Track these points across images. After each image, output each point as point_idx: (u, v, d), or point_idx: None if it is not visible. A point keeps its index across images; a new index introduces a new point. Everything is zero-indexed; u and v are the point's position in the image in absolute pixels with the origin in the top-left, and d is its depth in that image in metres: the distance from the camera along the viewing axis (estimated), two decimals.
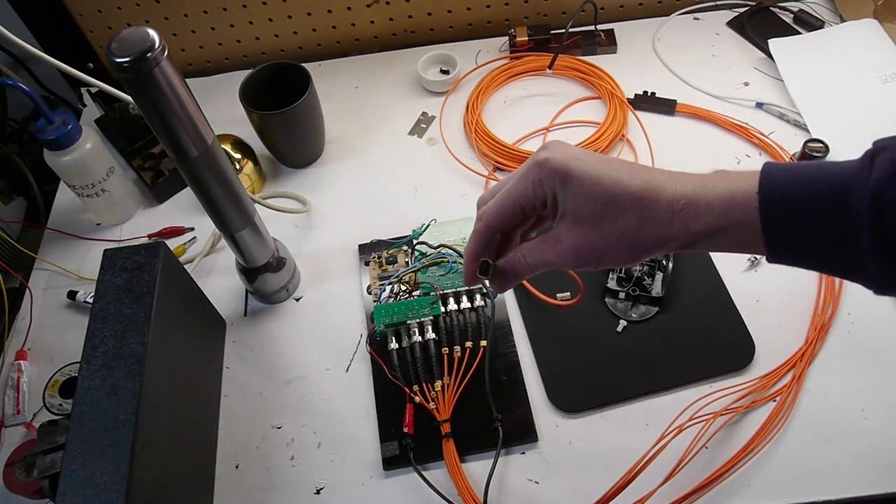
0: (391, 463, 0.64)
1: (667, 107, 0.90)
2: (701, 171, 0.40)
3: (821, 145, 0.80)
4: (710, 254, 0.75)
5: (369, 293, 0.75)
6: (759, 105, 0.89)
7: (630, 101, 0.90)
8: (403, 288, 0.72)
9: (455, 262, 0.73)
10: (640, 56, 0.97)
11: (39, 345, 0.75)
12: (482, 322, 0.70)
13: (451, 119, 0.93)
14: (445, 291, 0.72)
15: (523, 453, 0.65)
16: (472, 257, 0.45)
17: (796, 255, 0.38)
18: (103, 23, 0.98)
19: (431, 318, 0.70)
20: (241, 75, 0.83)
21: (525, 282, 0.74)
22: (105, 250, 0.60)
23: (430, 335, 0.69)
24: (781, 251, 0.38)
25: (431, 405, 0.66)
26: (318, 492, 0.64)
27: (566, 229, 0.41)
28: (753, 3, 1.01)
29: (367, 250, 0.79)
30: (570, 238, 0.41)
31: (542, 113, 0.91)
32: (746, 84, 0.92)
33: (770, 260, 0.39)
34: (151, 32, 0.47)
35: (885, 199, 0.34)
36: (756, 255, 0.74)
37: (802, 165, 0.37)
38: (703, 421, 0.62)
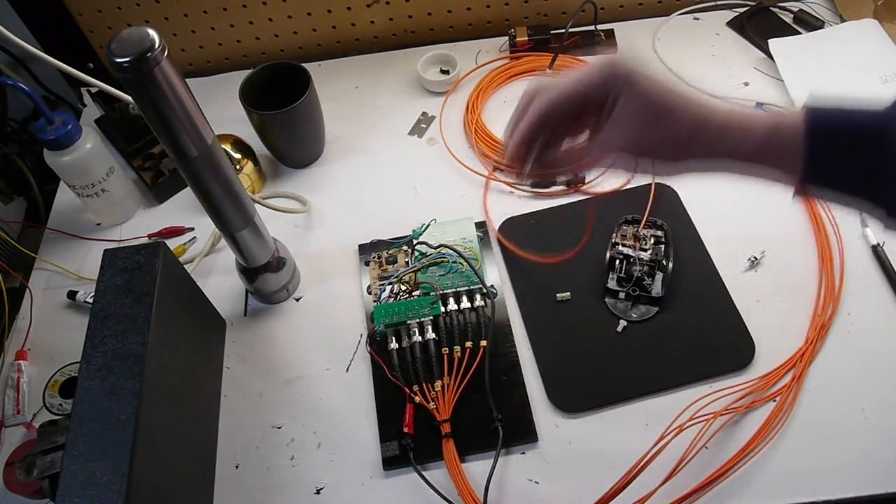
0: (391, 463, 0.64)
1: None
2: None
3: None
4: (710, 254, 0.75)
5: (369, 293, 0.75)
6: (759, 105, 0.89)
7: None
8: (403, 288, 0.72)
9: (455, 261, 0.73)
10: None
11: (39, 345, 0.75)
12: (482, 322, 0.70)
13: (451, 119, 0.93)
14: (445, 291, 0.72)
15: (523, 453, 0.65)
16: (523, 138, 0.46)
17: (828, 178, 0.42)
18: (103, 23, 0.98)
19: (431, 318, 0.70)
20: (241, 75, 0.83)
21: (513, 246, 0.74)
22: (105, 250, 0.60)
23: (430, 335, 0.69)
24: (817, 173, 0.42)
25: (431, 405, 0.66)
26: (318, 492, 0.64)
27: (621, 126, 0.44)
28: (753, 3, 1.01)
29: (367, 250, 0.79)
30: (623, 132, 0.44)
31: None
32: (746, 84, 0.92)
33: (802, 185, 0.43)
34: (151, 32, 0.47)
35: None
36: (755, 256, 0.74)
37: (844, 102, 0.42)
38: (703, 421, 0.62)
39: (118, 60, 0.46)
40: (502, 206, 0.82)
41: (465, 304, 0.71)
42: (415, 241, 0.75)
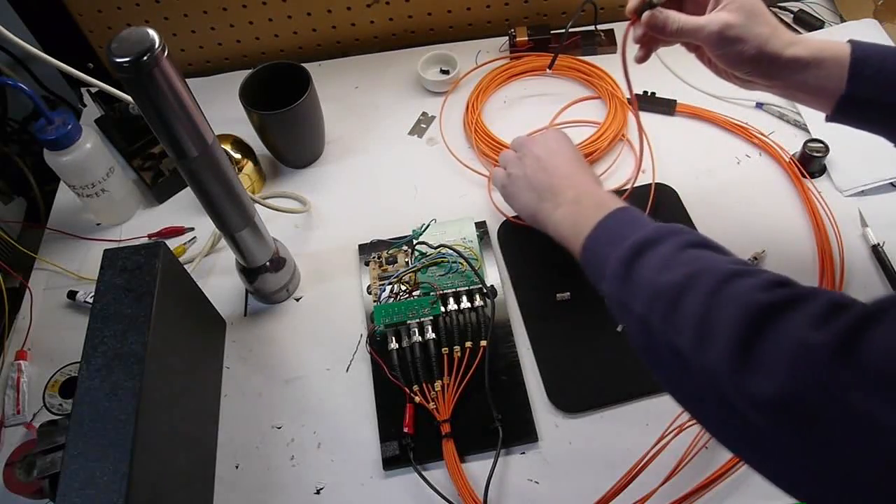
0: (391, 463, 0.64)
1: (667, 107, 0.90)
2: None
3: (821, 145, 0.80)
4: None
5: (369, 293, 0.75)
6: (759, 105, 0.89)
7: (630, 102, 0.90)
8: (403, 288, 0.72)
9: (455, 261, 0.73)
10: None
11: (39, 345, 0.75)
12: (482, 322, 0.70)
13: (451, 119, 0.93)
14: (445, 291, 0.72)
15: (523, 453, 0.65)
16: None
17: (869, 90, 0.54)
18: (103, 23, 0.98)
19: (431, 318, 0.70)
20: (241, 75, 0.83)
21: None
22: (105, 250, 0.60)
23: (430, 335, 0.69)
24: (859, 84, 0.54)
25: (431, 405, 0.66)
26: (318, 492, 0.64)
27: (723, 13, 0.56)
28: None
29: (367, 250, 0.79)
30: (724, 17, 0.56)
31: (542, 113, 0.91)
32: None
33: (845, 96, 0.54)
34: (151, 32, 0.47)
35: None
36: (756, 256, 0.74)
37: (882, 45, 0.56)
38: None
39: (118, 60, 0.46)
40: (502, 206, 0.83)
41: (465, 304, 0.71)
42: (415, 241, 0.75)
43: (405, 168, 0.88)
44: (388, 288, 0.72)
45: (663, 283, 0.44)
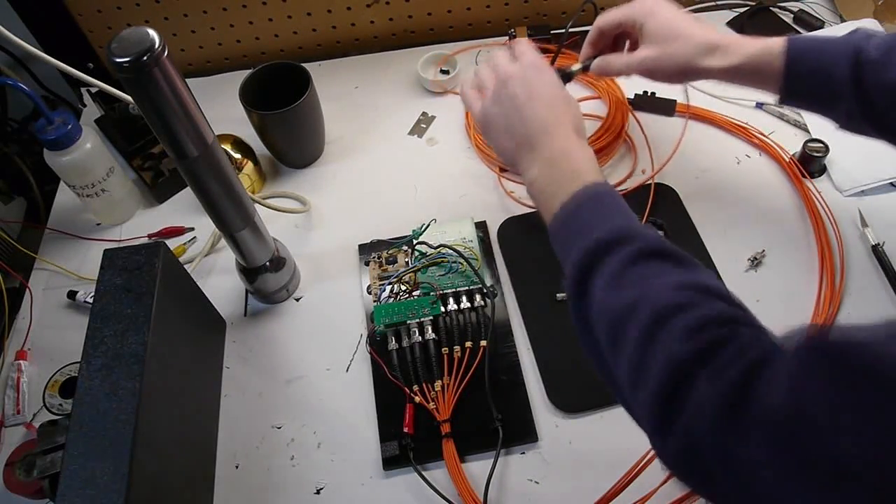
0: (391, 463, 0.64)
1: (667, 107, 0.90)
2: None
3: (821, 145, 0.80)
4: (711, 255, 0.75)
5: (369, 293, 0.75)
6: (759, 105, 0.89)
7: (630, 102, 0.90)
8: (403, 288, 0.72)
9: (455, 261, 0.73)
10: None
11: (39, 345, 0.75)
12: (482, 322, 0.70)
13: (451, 119, 0.93)
14: (445, 291, 0.72)
15: (523, 453, 0.65)
16: (587, 44, 0.70)
17: (805, 85, 0.58)
18: (103, 23, 0.98)
19: (431, 318, 0.70)
20: (241, 75, 0.83)
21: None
22: (105, 250, 0.60)
23: (430, 335, 0.69)
24: (795, 80, 0.58)
25: (431, 405, 0.66)
26: (318, 492, 0.64)
27: (643, 49, 0.63)
28: (753, 3, 1.01)
29: (367, 250, 0.79)
30: (644, 52, 0.63)
31: None
32: None
33: (784, 88, 0.59)
34: (151, 32, 0.47)
35: (862, 51, 0.55)
36: (756, 256, 0.74)
37: (814, 35, 0.60)
38: None
39: (118, 60, 0.46)
40: (502, 205, 0.83)
41: (465, 304, 0.71)
42: (415, 241, 0.75)
43: (405, 168, 0.88)
44: (388, 288, 0.72)
45: (609, 305, 0.44)
